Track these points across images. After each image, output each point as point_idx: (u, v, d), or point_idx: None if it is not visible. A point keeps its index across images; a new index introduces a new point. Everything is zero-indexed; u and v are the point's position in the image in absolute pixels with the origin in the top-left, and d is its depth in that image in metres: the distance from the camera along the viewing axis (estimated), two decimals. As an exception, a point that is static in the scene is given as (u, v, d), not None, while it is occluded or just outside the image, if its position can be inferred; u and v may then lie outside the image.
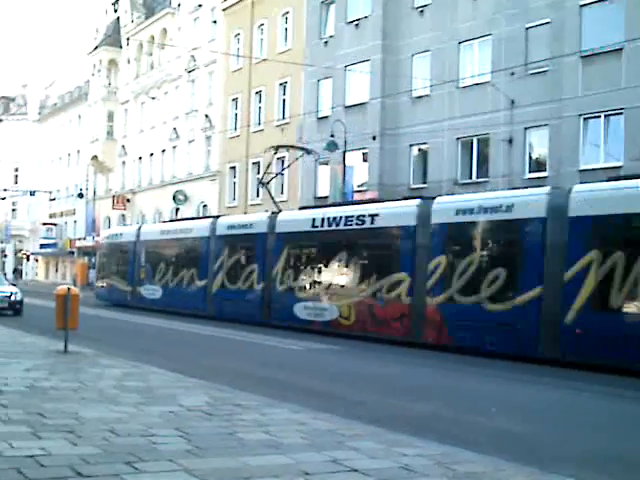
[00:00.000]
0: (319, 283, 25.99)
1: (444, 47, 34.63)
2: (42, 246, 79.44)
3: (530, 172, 31.28)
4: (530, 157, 31.66)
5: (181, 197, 53.49)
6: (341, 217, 25.41)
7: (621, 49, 27.86)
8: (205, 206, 52.29)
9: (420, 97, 35.59)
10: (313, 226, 26.50)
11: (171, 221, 43.32)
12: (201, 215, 49.82)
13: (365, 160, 37.87)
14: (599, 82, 28.30)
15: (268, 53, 46.14)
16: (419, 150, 36.21)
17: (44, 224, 77.84)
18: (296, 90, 43.83)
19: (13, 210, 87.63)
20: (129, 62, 65.14)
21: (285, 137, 43.70)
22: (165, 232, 37.15)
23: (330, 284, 25.46)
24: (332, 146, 34.32)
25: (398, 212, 23.54)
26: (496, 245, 21.04)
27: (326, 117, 39.87)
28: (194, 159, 54.17)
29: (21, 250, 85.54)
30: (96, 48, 68.70)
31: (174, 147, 57.17)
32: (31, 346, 16.39)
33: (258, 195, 46.67)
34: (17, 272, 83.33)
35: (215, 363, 16.18)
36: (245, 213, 43.36)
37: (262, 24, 47.71)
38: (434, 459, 7.14)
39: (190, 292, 32.98)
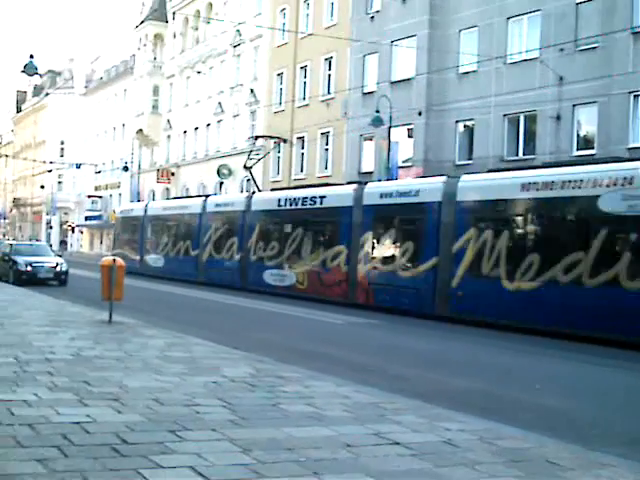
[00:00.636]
0: (281, 254, 30.23)
1: (492, 22, 34.21)
2: (87, 218, 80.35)
3: (578, 150, 30.86)
4: (578, 135, 31.23)
5: (225, 171, 53.62)
6: (299, 198, 29.88)
7: (674, 25, 27.33)
8: (249, 180, 52.40)
9: (467, 73, 35.23)
10: (278, 205, 31.00)
11: (174, 199, 48.73)
12: (244, 190, 49.97)
13: (410, 136, 37.64)
14: (651, 59, 27.80)
15: (314, 28, 45.94)
16: (465, 126, 35.89)
17: (89, 196, 78.78)
18: (341, 65, 43.63)
19: (59, 183, 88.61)
20: (175, 36, 65.27)
21: (330, 112, 43.58)
22: (167, 208, 42.05)
23: (290, 255, 29.78)
24: (377, 121, 34.14)
25: (340, 195, 27.80)
26: (407, 223, 24.80)
27: (372, 92, 39.64)
28: (239, 133, 54.24)
29: (66, 222, 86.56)
30: (142, 22, 68.95)
31: (219, 121, 57.28)
32: (76, 316, 16.60)
33: (302, 170, 46.68)
34: (63, 244, 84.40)
35: (257, 335, 16.25)
36: (289, 187, 43.42)
37: (308, -1, 47.53)
38: (477, 434, 7.10)
39: (185, 261, 37.46)
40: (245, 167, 39.62)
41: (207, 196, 39.75)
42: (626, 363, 14.89)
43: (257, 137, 42.64)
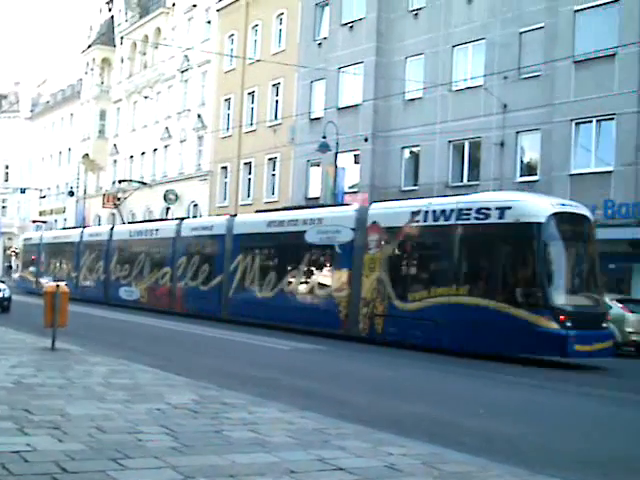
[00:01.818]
0: (130, 274, 37.57)
1: (438, 50, 34.71)
2: (32, 244, 79.11)
3: (521, 176, 31.37)
4: (521, 161, 31.76)
5: (172, 196, 53.44)
6: (142, 230, 38.14)
7: (614, 55, 27.99)
8: (196, 205, 52.26)
9: (413, 100, 35.65)
10: (129, 235, 39.09)
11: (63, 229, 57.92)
12: (191, 215, 49.84)
13: (357, 162, 37.91)
14: (591, 87, 28.40)
15: (262, 54, 46.14)
16: (411, 152, 36.28)
17: (33, 221, 77.62)
18: (289, 91, 43.85)
19: (3, 207, 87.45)
20: (122, 61, 65.06)
21: (277, 138, 43.72)
22: (55, 237, 49.69)
23: (136, 275, 37.08)
24: (324, 147, 34.34)
25: (166, 228, 35.97)
26: (206, 249, 32.80)
27: (319, 118, 39.89)
28: (186, 159, 54.13)
29: (10, 247, 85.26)
30: (89, 47, 68.61)
31: (166, 146, 57.11)
32: (18, 343, 16.31)
33: (249, 196, 46.68)
34: (9, 269, 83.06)
35: (201, 361, 16.15)
36: (235, 214, 43.40)
37: (256, 25, 47.73)
38: (420, 459, 7.11)
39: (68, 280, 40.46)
40: (115, 205, 52.08)
41: (84, 227, 49.44)
42: (547, 383, 15.07)
43: (120, 181, 55.95)
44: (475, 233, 20.75)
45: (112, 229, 41.45)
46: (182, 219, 37.15)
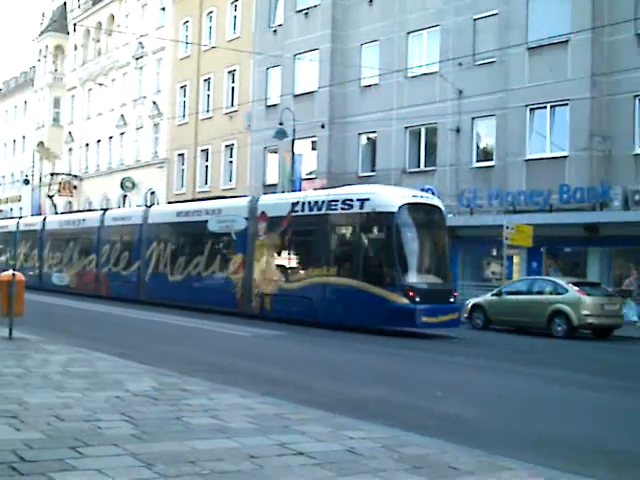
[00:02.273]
0: (62, 262, 39.80)
1: (393, 37, 34.82)
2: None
3: (477, 161, 31.61)
4: (477, 147, 31.99)
5: (129, 184, 53.08)
6: (71, 220, 40.29)
7: (567, 41, 28.30)
8: (153, 193, 51.95)
9: (369, 86, 35.74)
10: (59, 225, 41.19)
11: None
12: (149, 202, 49.56)
13: (314, 148, 37.93)
14: (545, 73, 28.69)
15: (217, 41, 45.93)
16: (368, 139, 36.39)
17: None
18: (245, 78, 43.72)
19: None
20: (76, 48, 64.35)
21: (234, 124, 43.58)
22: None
23: (66, 262, 39.23)
24: (281, 134, 34.29)
25: (92, 218, 38.24)
26: (125, 237, 34.65)
27: (275, 105, 39.83)
28: (142, 146, 53.77)
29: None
30: (42, 34, 67.75)
31: (122, 134, 56.68)
32: (-26, 333, 16.14)
33: (206, 183, 46.51)
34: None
35: (161, 348, 16.10)
36: (193, 200, 43.23)
37: (211, 12, 47.47)
38: (380, 442, 7.18)
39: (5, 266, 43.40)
40: (49, 196, 54.44)
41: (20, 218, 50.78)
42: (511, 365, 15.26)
43: (52, 174, 58.61)
44: (341, 221, 23.66)
45: (44, 219, 43.91)
46: (105, 210, 40.36)
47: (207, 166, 46.97)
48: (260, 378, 12.25)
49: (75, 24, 63.37)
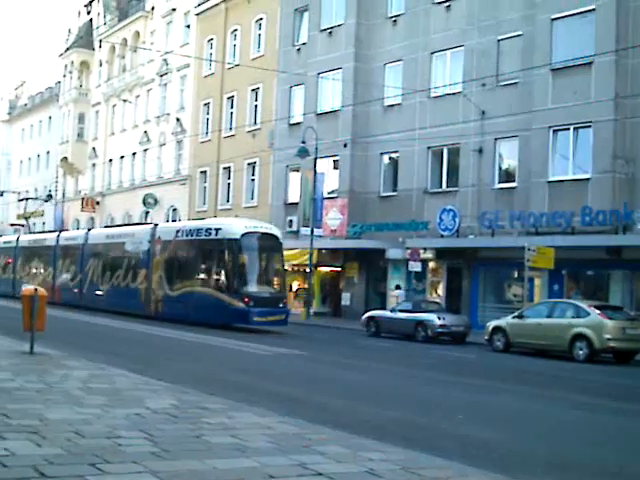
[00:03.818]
0: (29, 275, 46.41)
1: (416, 57, 34.86)
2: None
3: (499, 182, 31.52)
4: (500, 167, 31.90)
5: (151, 200, 53.27)
6: (34, 239, 48.88)
7: (591, 63, 28.19)
8: (175, 210, 52.12)
9: (392, 106, 35.77)
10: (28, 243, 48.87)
11: None
12: (171, 219, 49.81)
13: (336, 167, 37.97)
14: (569, 95, 28.59)
15: (241, 59, 46.15)
16: (390, 158, 36.39)
17: (12, 225, 77.00)
18: (268, 96, 43.87)
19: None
20: (101, 64, 64.84)
21: (257, 142, 43.73)
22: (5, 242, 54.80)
23: (34, 274, 45.66)
24: (303, 152, 34.41)
25: (47, 238, 46.67)
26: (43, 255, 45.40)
27: (298, 124, 39.94)
28: (165, 163, 54.01)
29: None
30: (68, 50, 68.30)
31: (145, 150, 56.96)
32: (-4, 347, 16.22)
33: (228, 200, 46.64)
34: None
35: (181, 366, 16.12)
36: (215, 217, 43.44)
37: (235, 30, 47.72)
38: (400, 464, 7.14)
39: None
40: (24, 217, 62.48)
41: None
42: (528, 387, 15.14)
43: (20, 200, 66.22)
44: (203, 245, 30.78)
45: (18, 238, 51.26)
46: (61, 231, 48.24)
47: (229, 184, 47.10)
48: (279, 397, 12.24)
49: (101, 40, 63.91)
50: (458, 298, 32.53)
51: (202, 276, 30.78)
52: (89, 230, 42.78)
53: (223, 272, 29.84)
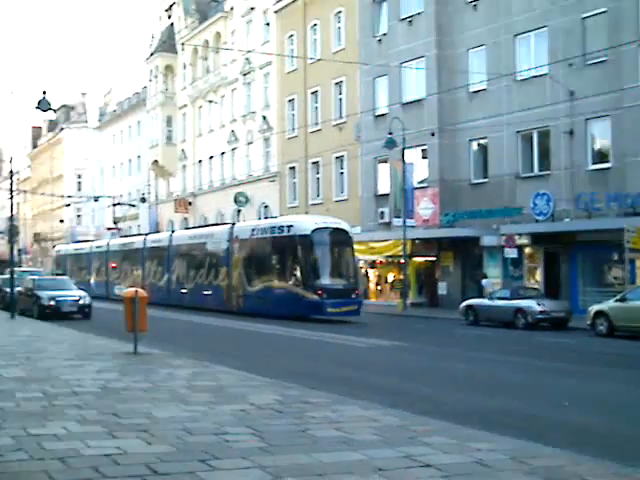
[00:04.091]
0: (120, 277, 49.22)
1: (499, 40, 34.34)
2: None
3: (593, 164, 30.83)
4: (592, 148, 31.18)
5: (242, 199, 53.75)
6: (122, 243, 51.78)
7: (683, 35, 27.30)
8: (266, 207, 52.53)
9: (477, 92, 35.31)
10: (121, 246, 51.57)
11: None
12: (262, 216, 50.28)
13: (424, 157, 37.70)
14: (661, 69, 27.77)
15: (322, 53, 46.17)
16: (478, 145, 35.94)
17: (108, 229, 78.87)
18: (352, 89, 43.81)
19: (78, 216, 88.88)
20: (185, 67, 65.71)
21: (343, 136, 43.74)
22: (79, 249, 59.84)
23: (124, 276, 48.80)
24: (391, 144, 34.27)
25: (134, 241, 49.37)
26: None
27: (383, 115, 39.79)
28: (253, 161, 54.45)
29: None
30: (152, 55, 69.42)
31: (233, 149, 57.52)
32: (101, 348, 16.66)
33: (319, 195, 46.78)
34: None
35: (280, 361, 16.25)
36: (306, 213, 43.74)
37: (315, 24, 47.77)
38: (508, 454, 7.06)
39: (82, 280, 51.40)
40: (113, 222, 69.32)
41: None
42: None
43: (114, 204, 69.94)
44: (277, 242, 32.59)
45: (108, 243, 54.83)
46: (147, 234, 50.94)
47: (318, 178, 47.21)
48: (381, 389, 12.24)
49: (183, 44, 64.67)
50: (557, 283, 31.91)
51: (278, 271, 32.51)
52: (173, 232, 46.38)
53: (297, 267, 31.46)
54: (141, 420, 8.27)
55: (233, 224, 38.18)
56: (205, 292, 37.46)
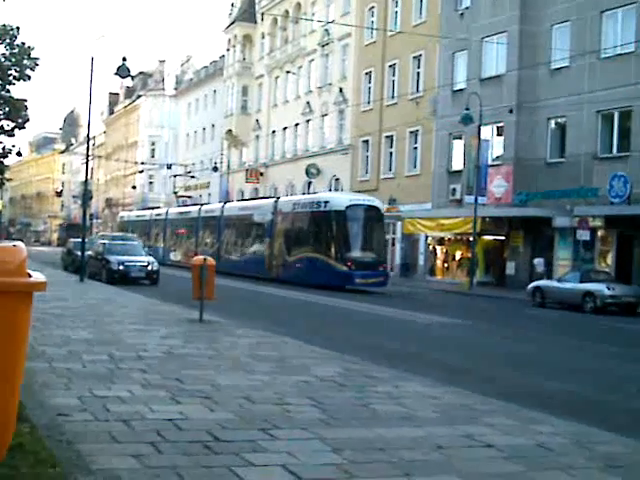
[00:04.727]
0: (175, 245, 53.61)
1: (585, 17, 33.54)
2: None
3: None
4: (675, 131, 30.35)
5: (314, 171, 53.83)
6: (179, 212, 56.01)
7: None
8: (337, 180, 52.51)
9: (559, 69, 34.62)
10: (179, 213, 55.81)
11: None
12: (333, 188, 50.27)
13: (500, 134, 37.20)
14: None
15: (402, 26, 45.76)
16: (556, 124, 35.28)
17: (178, 196, 79.77)
18: (431, 63, 43.39)
19: (150, 183, 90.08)
20: (263, 37, 65.81)
21: (419, 110, 43.39)
22: (141, 216, 63.81)
23: (174, 244, 54.02)
24: (467, 119, 33.88)
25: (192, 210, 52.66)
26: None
27: (461, 90, 39.32)
28: (327, 133, 54.40)
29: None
30: (231, 24, 69.65)
31: (307, 121, 57.55)
32: (167, 314, 16.87)
33: (390, 169, 46.57)
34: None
35: (342, 333, 16.27)
36: (376, 188, 43.68)
37: (396, -4, 47.32)
38: (571, 438, 6.95)
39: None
40: (173, 192, 70.73)
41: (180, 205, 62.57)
42: None
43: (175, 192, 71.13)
44: (314, 216, 34.87)
45: (167, 211, 58.48)
46: (202, 205, 53.40)
47: (391, 152, 46.99)
48: (444, 367, 12.16)
49: (263, 13, 64.78)
50: (629, 268, 31.29)
51: (313, 243, 34.67)
52: (225, 203, 49.34)
53: (330, 240, 33.90)
54: (204, 387, 8.34)
55: (278, 198, 41.00)
56: (250, 260, 40.44)
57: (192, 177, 70.24)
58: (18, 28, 43.84)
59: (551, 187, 33.89)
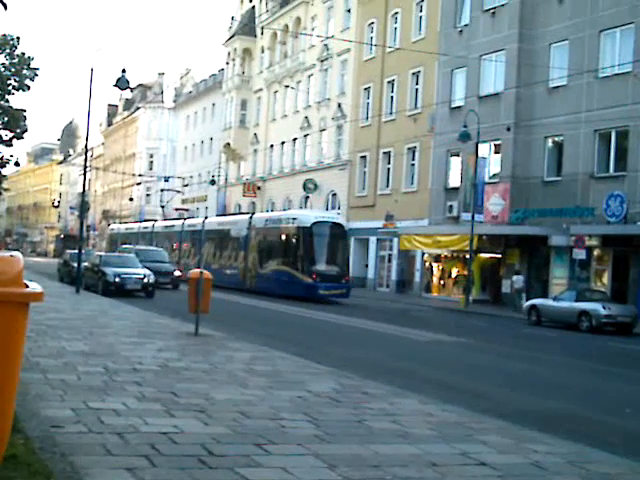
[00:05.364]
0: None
1: (583, 36, 33.68)
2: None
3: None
4: (671, 151, 30.44)
5: (311, 186, 53.87)
6: (168, 224, 56.49)
7: None
8: (335, 195, 52.54)
9: (557, 87, 34.73)
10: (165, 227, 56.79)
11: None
12: (330, 204, 50.26)
13: (497, 152, 37.27)
14: None
15: (401, 42, 45.93)
16: (554, 142, 35.37)
17: (176, 209, 79.74)
18: (429, 80, 43.51)
19: (147, 195, 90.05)
20: (263, 51, 65.98)
21: (417, 127, 43.48)
22: (129, 228, 64.82)
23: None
24: (465, 137, 33.95)
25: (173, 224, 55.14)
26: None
27: (459, 107, 39.41)
28: (325, 148, 54.47)
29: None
30: (231, 37, 69.81)
31: (305, 136, 57.63)
32: (163, 327, 16.86)
33: (388, 185, 46.63)
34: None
35: (339, 350, 16.22)
36: (373, 204, 43.70)
37: (396, 13, 47.53)
38: (566, 457, 6.95)
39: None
40: (160, 206, 69.34)
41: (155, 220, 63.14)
42: None
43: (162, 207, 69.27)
44: (283, 232, 37.36)
45: (153, 224, 59.11)
46: (185, 219, 54.33)
47: (389, 168, 47.05)
48: (439, 384, 12.15)
49: (263, 27, 64.94)
50: (624, 287, 31.31)
51: (282, 257, 37.20)
52: (206, 218, 52.40)
53: (297, 254, 36.11)
54: (199, 400, 8.34)
55: (252, 214, 44.29)
56: (227, 272, 42.09)
57: (178, 192, 70.32)
58: (18, 38, 44.01)
59: (548, 205, 33.95)
